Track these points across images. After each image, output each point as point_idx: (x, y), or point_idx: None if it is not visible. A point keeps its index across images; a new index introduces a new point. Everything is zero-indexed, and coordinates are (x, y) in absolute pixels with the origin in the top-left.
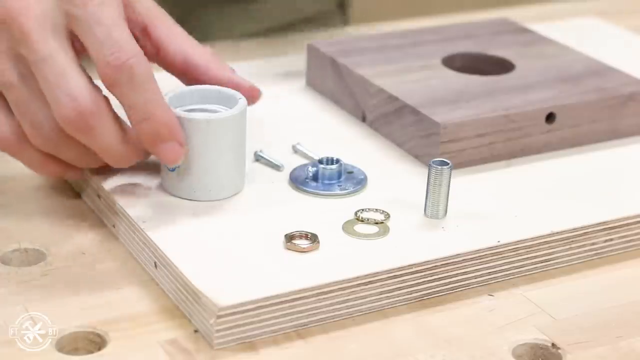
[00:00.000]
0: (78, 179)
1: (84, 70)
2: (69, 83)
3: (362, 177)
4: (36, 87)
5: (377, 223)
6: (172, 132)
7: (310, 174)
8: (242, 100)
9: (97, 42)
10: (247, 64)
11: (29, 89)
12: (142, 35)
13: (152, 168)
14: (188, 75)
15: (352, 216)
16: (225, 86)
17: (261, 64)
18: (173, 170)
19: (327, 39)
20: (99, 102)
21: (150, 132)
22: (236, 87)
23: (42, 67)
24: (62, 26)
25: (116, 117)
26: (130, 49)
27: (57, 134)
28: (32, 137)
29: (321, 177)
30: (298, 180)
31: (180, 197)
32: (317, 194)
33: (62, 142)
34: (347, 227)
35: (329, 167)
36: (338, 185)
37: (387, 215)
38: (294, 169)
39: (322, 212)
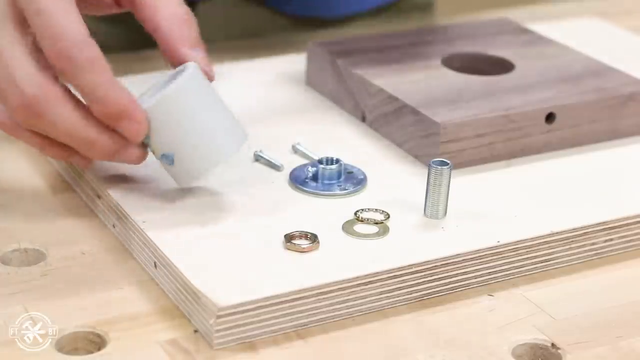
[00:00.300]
0: (86, 167)
1: (37, 56)
2: (14, 74)
3: (362, 177)
4: None
5: (376, 223)
6: (126, 111)
7: (310, 174)
8: (191, 64)
9: (38, 31)
10: (247, 62)
11: None
12: None
13: (151, 168)
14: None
15: (352, 216)
16: (177, 63)
17: (261, 64)
18: (172, 164)
19: (327, 39)
20: (47, 89)
21: (103, 114)
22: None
23: None
24: (8, 14)
25: (76, 102)
26: (71, 36)
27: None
28: (3, 127)
29: (321, 177)
30: (298, 180)
31: (198, 181)
32: (317, 194)
33: (24, 133)
34: (347, 227)
35: (328, 167)
36: (338, 186)
37: (387, 216)
38: (294, 169)
39: (322, 212)
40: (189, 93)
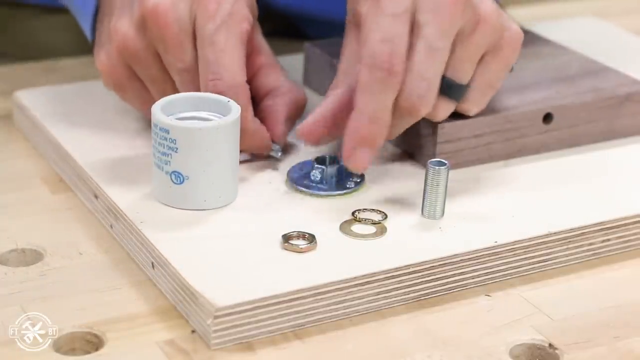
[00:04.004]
0: None
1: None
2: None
3: (360, 177)
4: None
5: (374, 223)
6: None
7: (308, 174)
8: (234, 104)
9: (204, 61)
10: None
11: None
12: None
13: (149, 169)
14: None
15: (349, 216)
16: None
17: None
18: (181, 183)
19: (325, 40)
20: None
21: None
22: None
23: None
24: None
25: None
26: (231, 80)
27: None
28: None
29: (319, 177)
30: (295, 181)
31: (186, 210)
32: (315, 194)
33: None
34: (345, 227)
35: (326, 166)
36: (335, 185)
37: (385, 216)
38: (292, 169)
39: (320, 213)
40: (229, 133)
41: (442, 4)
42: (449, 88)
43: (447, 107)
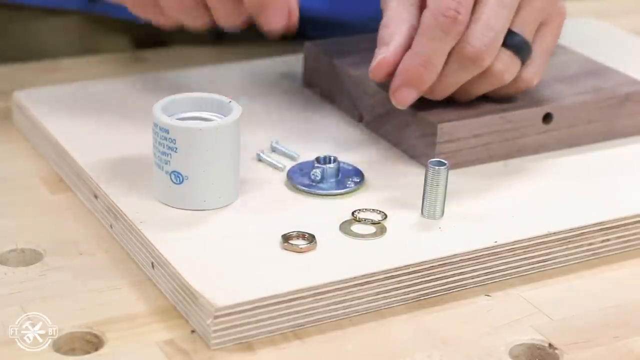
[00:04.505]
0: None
1: None
2: None
3: (359, 177)
4: None
5: (374, 223)
6: None
7: (308, 174)
8: (235, 104)
9: None
10: (244, 63)
11: None
12: None
13: (148, 169)
14: None
15: (349, 216)
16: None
17: (258, 64)
18: (181, 183)
19: (324, 39)
20: None
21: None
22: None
23: None
24: None
25: None
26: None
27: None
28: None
29: (319, 176)
30: (295, 180)
31: (186, 209)
32: (314, 194)
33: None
34: (344, 227)
35: (326, 166)
36: (335, 185)
37: (384, 216)
38: (292, 169)
39: (319, 212)
40: (229, 133)
41: None
42: (517, 43)
43: (513, 64)
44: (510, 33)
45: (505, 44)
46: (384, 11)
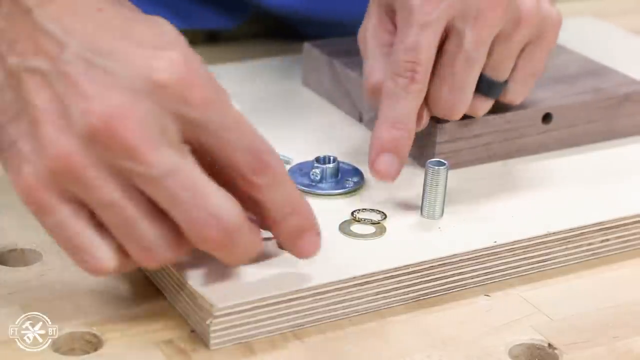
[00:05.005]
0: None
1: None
2: (208, 200)
3: (359, 177)
4: (144, 205)
5: (373, 223)
6: (314, 221)
7: (308, 174)
8: (235, 104)
9: (231, 148)
10: (243, 63)
11: (135, 208)
12: None
13: None
14: None
15: (348, 216)
16: None
17: (258, 64)
18: None
19: (324, 39)
20: (241, 214)
21: (297, 225)
22: None
23: (165, 184)
24: (174, 131)
25: (251, 224)
26: (266, 146)
27: (173, 252)
28: (141, 258)
29: (318, 176)
30: (295, 180)
31: None
32: (314, 194)
33: (175, 258)
34: (344, 227)
35: (325, 166)
36: (335, 185)
37: (384, 216)
38: (291, 168)
39: (319, 212)
40: None
41: (482, 11)
42: (487, 87)
43: (485, 105)
44: (481, 77)
45: (475, 90)
46: (363, 60)
